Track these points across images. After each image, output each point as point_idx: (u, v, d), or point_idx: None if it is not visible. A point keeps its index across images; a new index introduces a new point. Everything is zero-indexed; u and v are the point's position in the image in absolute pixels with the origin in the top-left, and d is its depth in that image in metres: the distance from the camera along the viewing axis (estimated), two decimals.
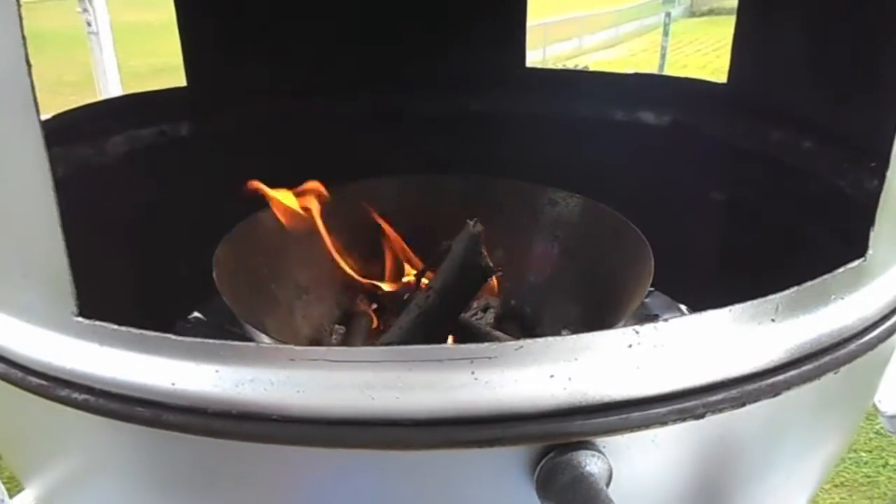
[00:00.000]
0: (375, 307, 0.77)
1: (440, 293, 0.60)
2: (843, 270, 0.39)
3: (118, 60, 2.42)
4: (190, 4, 0.84)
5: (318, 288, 0.77)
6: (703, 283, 0.78)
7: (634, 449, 0.35)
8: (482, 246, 0.58)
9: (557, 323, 0.74)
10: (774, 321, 0.37)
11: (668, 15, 6.59)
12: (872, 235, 0.40)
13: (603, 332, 0.35)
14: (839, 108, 0.68)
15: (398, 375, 0.33)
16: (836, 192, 0.67)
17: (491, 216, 0.63)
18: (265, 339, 0.55)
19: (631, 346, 0.34)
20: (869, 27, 0.63)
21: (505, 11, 0.97)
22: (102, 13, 2.32)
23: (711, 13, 10.30)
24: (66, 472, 0.43)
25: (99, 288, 0.38)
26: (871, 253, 0.40)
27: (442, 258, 0.63)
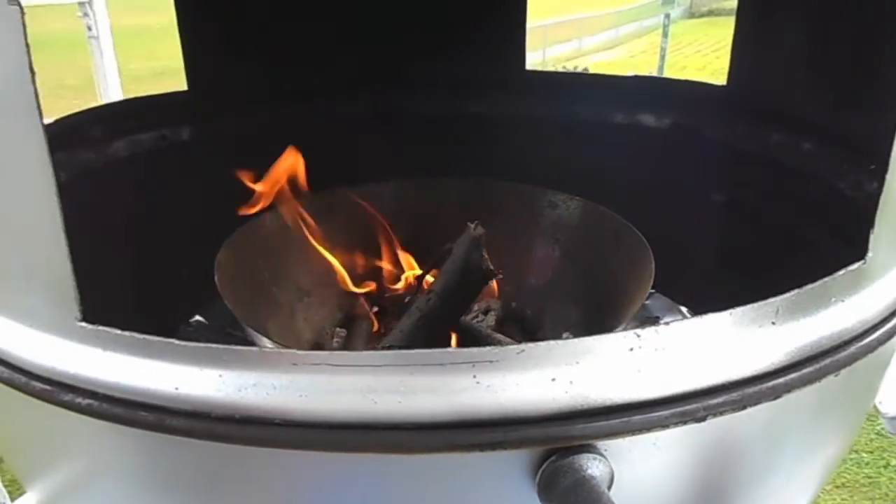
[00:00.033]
0: (376, 310, 0.77)
1: (441, 296, 0.60)
2: (843, 273, 0.39)
3: (118, 64, 2.43)
4: (190, 8, 0.85)
5: (319, 291, 0.77)
6: (703, 284, 0.79)
7: (636, 452, 0.35)
8: (483, 248, 0.59)
9: (558, 325, 0.74)
10: (775, 324, 0.37)
11: (667, 16, 6.60)
12: (872, 238, 0.40)
13: (604, 335, 0.35)
14: (839, 109, 0.68)
15: (400, 379, 0.33)
16: (835, 193, 0.67)
17: (491, 219, 0.63)
18: (267, 342, 0.55)
19: (632, 349, 0.34)
20: (869, 28, 0.63)
21: (505, 13, 0.98)
22: (103, 17, 2.33)
23: (711, 14, 10.32)
24: (69, 475, 0.43)
25: (100, 292, 0.38)
26: (870, 255, 0.40)
27: (443, 261, 0.63)
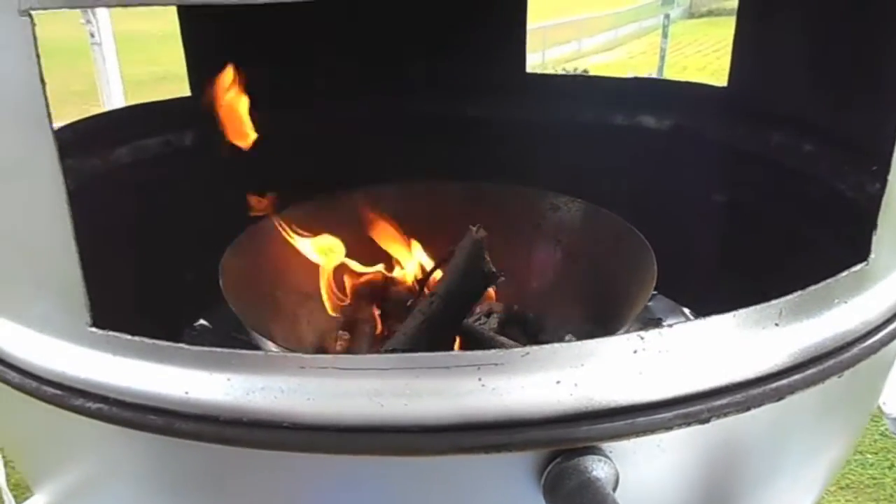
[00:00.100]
0: (379, 313, 0.77)
1: (444, 299, 0.60)
2: (845, 274, 0.39)
3: (121, 70, 2.44)
4: (193, 15, 0.85)
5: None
6: (705, 285, 0.79)
7: (640, 454, 0.35)
8: (485, 251, 0.59)
9: (561, 328, 0.74)
10: (778, 325, 0.37)
11: (666, 17, 6.59)
12: (875, 239, 0.40)
13: (608, 338, 0.35)
14: (840, 110, 0.68)
15: (406, 383, 0.33)
16: (837, 194, 0.67)
17: (493, 221, 0.63)
18: (272, 346, 0.55)
19: (636, 351, 0.35)
20: (869, 29, 0.63)
21: (505, 15, 0.98)
22: (105, 24, 2.34)
23: (710, 14, 10.31)
24: (78, 478, 0.43)
25: (106, 297, 0.38)
26: (873, 257, 0.40)
27: (445, 263, 0.63)
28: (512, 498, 0.36)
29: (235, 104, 0.66)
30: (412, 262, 0.77)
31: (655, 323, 0.80)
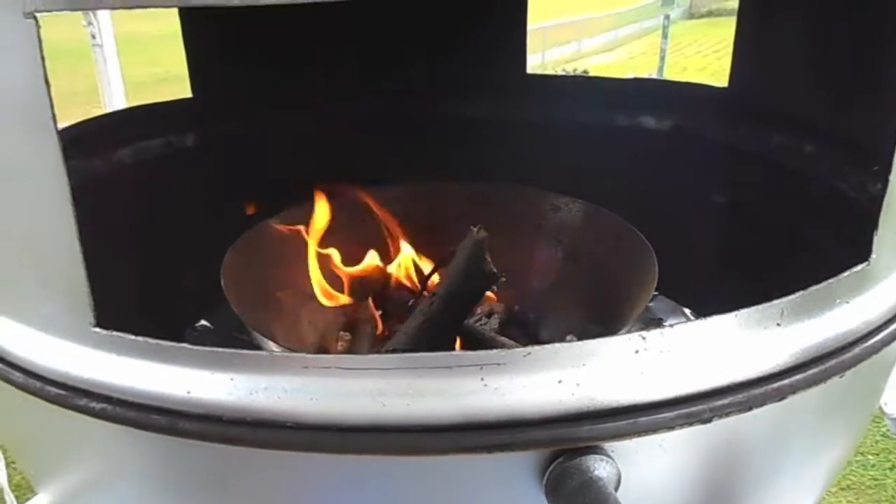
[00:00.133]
0: (380, 313, 0.77)
1: (445, 299, 0.60)
2: (847, 274, 0.40)
3: (122, 71, 2.45)
4: (194, 16, 0.85)
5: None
6: (706, 285, 0.79)
7: (642, 453, 0.35)
8: (486, 252, 0.59)
9: (562, 328, 0.75)
10: (780, 325, 0.37)
11: (666, 17, 6.60)
12: (876, 239, 0.40)
13: (610, 337, 0.35)
14: (841, 110, 0.68)
15: (409, 382, 0.34)
16: (838, 195, 0.67)
17: (494, 222, 0.63)
18: (273, 346, 0.55)
19: (637, 351, 0.35)
20: (870, 29, 0.63)
21: (505, 16, 0.98)
22: (106, 26, 2.35)
23: (710, 15, 10.31)
24: (82, 478, 0.43)
25: (108, 297, 0.38)
26: (874, 257, 0.40)
27: (446, 264, 0.63)
28: (514, 497, 0.36)
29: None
30: (413, 262, 0.77)
31: (657, 323, 0.80)
